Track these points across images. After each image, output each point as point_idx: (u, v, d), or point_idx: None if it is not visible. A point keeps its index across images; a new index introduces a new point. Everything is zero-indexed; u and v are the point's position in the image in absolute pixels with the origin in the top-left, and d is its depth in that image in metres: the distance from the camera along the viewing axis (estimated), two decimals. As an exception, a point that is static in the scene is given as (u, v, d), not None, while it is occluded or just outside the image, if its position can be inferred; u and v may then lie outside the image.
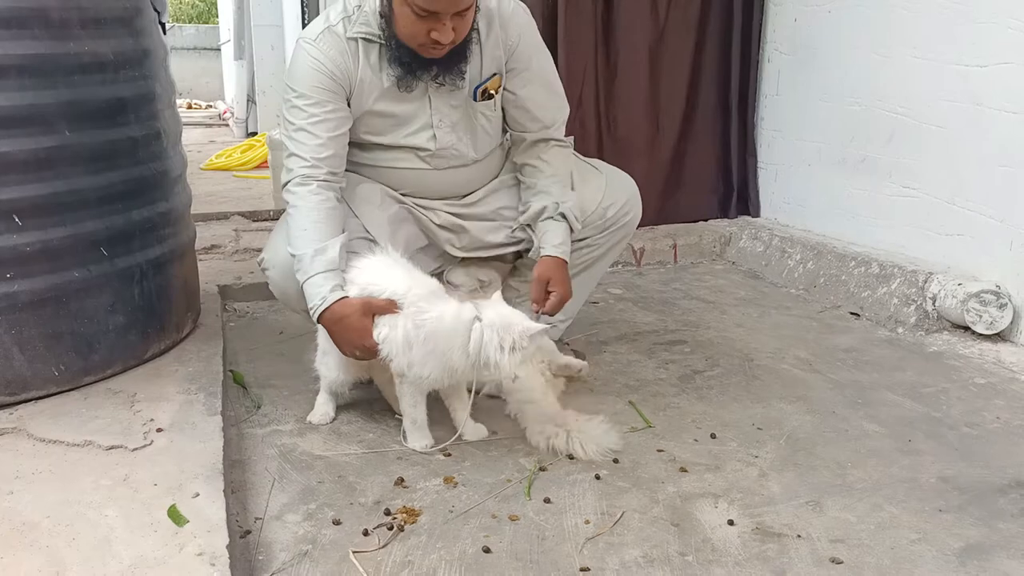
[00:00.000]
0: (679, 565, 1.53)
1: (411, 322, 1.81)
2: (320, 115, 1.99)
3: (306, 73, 2.00)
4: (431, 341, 1.80)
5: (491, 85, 2.14)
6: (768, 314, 2.98)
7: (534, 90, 2.18)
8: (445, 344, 1.80)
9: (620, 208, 2.30)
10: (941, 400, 2.24)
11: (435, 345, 1.80)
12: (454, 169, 2.20)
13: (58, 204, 1.89)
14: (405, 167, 2.18)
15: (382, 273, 1.89)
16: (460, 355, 1.80)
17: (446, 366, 1.82)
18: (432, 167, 2.18)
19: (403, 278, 1.87)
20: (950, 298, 2.66)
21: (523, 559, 1.53)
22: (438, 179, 2.21)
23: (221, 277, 2.99)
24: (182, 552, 1.38)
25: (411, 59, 1.98)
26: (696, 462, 1.90)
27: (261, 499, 1.71)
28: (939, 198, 2.90)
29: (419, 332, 1.81)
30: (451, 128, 2.13)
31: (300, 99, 2.00)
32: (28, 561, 1.36)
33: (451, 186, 2.24)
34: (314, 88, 1.99)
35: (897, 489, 1.79)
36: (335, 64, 1.99)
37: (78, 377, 1.99)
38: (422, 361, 1.82)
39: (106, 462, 1.68)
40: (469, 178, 2.25)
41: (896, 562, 1.54)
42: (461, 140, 2.16)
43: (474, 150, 2.20)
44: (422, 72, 2.01)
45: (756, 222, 3.75)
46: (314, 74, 1.99)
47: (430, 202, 2.24)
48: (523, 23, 2.13)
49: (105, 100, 1.97)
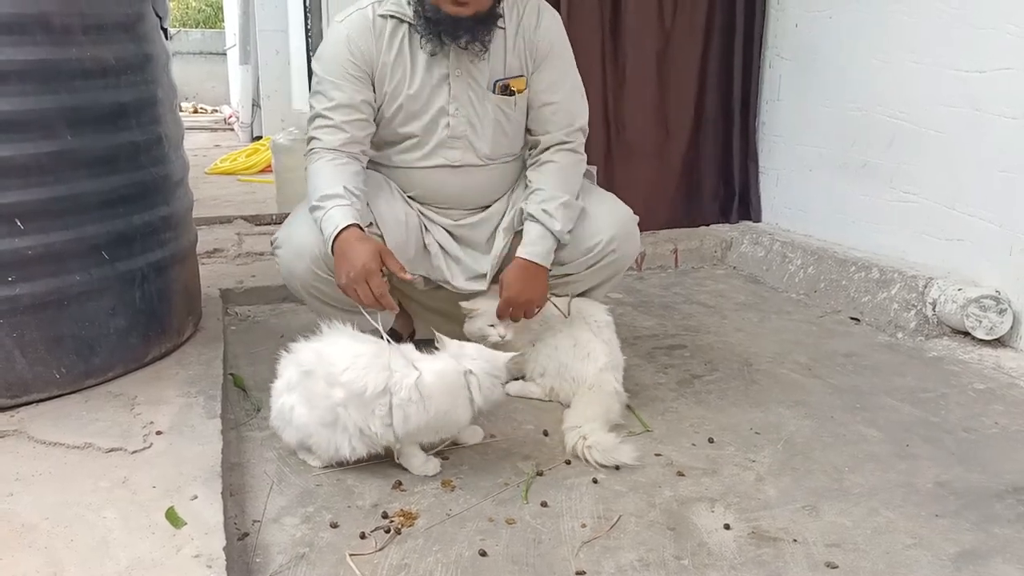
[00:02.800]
0: (675, 569, 1.53)
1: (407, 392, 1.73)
2: (342, 84, 2.07)
3: (334, 47, 2.09)
4: (433, 405, 1.75)
5: (514, 84, 2.16)
6: (768, 319, 2.98)
7: (558, 92, 2.20)
8: (451, 403, 1.78)
9: (605, 244, 2.20)
10: (940, 405, 2.24)
11: (438, 407, 1.76)
12: (466, 169, 2.20)
13: (60, 208, 1.90)
14: (419, 165, 2.19)
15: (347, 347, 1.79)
16: (464, 410, 1.80)
17: (452, 423, 1.81)
18: (446, 161, 2.18)
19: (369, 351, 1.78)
20: (950, 303, 2.66)
21: (519, 562, 1.54)
22: (450, 180, 2.20)
23: (223, 281, 3.00)
24: (179, 554, 1.39)
25: (439, 18, 2.01)
26: (693, 466, 1.90)
27: (259, 502, 1.72)
28: (939, 203, 2.90)
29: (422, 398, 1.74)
30: (466, 118, 2.15)
31: (325, 70, 2.10)
32: (26, 562, 1.37)
33: (462, 189, 2.23)
34: (339, 60, 2.08)
35: (894, 494, 1.80)
36: (358, 45, 2.07)
37: (79, 380, 2.00)
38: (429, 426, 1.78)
39: (105, 464, 1.69)
40: (480, 182, 2.23)
41: (891, 567, 1.54)
42: (475, 132, 2.17)
43: (488, 145, 2.19)
44: (453, 34, 2.03)
45: (757, 227, 3.76)
46: (341, 48, 2.08)
47: (435, 214, 2.25)
48: (553, 28, 2.18)
49: (107, 105, 1.98)
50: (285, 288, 2.97)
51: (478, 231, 2.28)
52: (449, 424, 1.81)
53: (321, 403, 1.74)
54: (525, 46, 2.15)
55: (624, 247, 2.25)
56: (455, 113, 2.14)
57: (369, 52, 2.08)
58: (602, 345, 2.16)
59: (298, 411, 1.78)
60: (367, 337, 1.83)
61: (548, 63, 2.18)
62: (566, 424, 2.00)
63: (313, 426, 1.77)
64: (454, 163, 2.19)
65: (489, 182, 2.25)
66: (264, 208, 4.24)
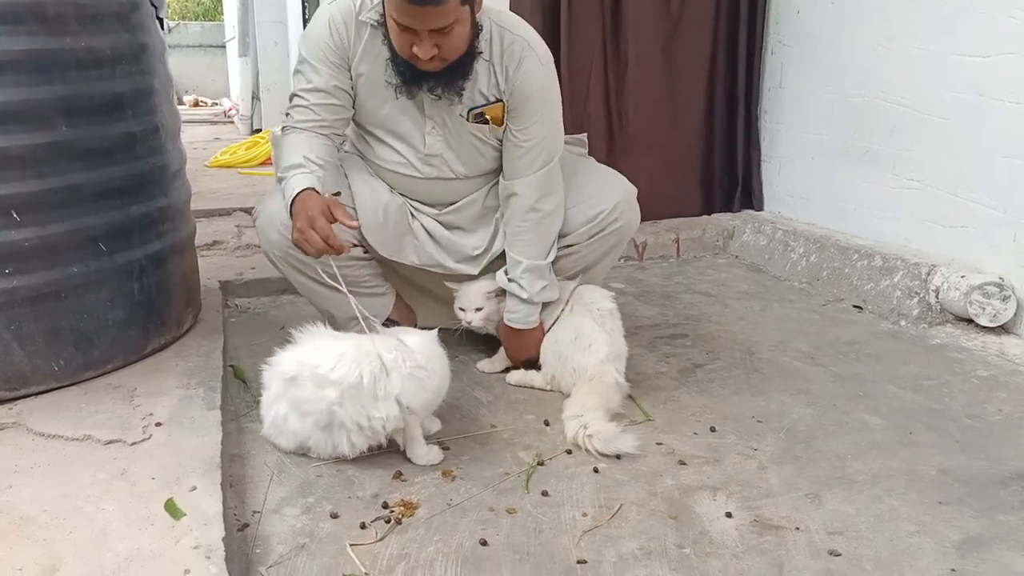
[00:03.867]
0: (676, 557, 1.52)
1: (411, 366, 1.75)
2: (319, 68, 2.07)
3: (314, 34, 2.09)
4: (435, 367, 1.79)
5: (489, 111, 2.11)
6: (770, 307, 2.97)
7: (530, 138, 2.13)
8: (443, 365, 1.82)
9: (608, 213, 2.23)
10: (943, 392, 2.23)
11: (439, 370, 1.80)
12: (442, 181, 2.22)
13: (56, 200, 1.89)
14: (396, 170, 2.21)
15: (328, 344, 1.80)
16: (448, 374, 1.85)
17: (444, 388, 1.85)
18: (421, 175, 2.20)
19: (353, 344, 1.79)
20: (953, 290, 2.64)
21: (520, 551, 1.53)
22: (425, 187, 2.24)
23: (223, 273, 2.99)
24: (178, 545, 1.39)
25: (407, 69, 2.00)
26: (695, 455, 1.89)
27: (259, 493, 1.71)
28: (942, 190, 2.88)
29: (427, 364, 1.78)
30: (442, 138, 2.15)
31: (304, 62, 2.09)
32: (25, 554, 1.36)
33: (438, 196, 2.26)
34: (317, 51, 2.07)
35: (897, 481, 1.79)
36: (340, 33, 2.06)
37: (78, 372, 2.00)
38: (437, 392, 1.82)
39: (104, 456, 1.68)
40: (459, 189, 2.26)
41: (895, 554, 1.53)
42: (450, 152, 2.18)
43: (463, 166, 2.20)
44: (419, 82, 2.02)
45: (759, 215, 3.74)
46: (320, 37, 2.07)
47: (419, 204, 2.27)
48: (535, 76, 2.08)
49: (102, 96, 1.97)
50: (285, 280, 2.95)
51: (463, 214, 2.29)
52: (443, 389, 1.84)
53: (313, 407, 1.74)
54: (503, 81, 2.08)
55: (627, 215, 2.27)
56: (431, 131, 2.15)
57: (347, 47, 2.07)
58: (604, 336, 2.14)
59: (291, 419, 1.79)
60: (341, 334, 1.85)
61: (524, 109, 2.10)
62: (566, 413, 1.99)
63: (308, 430, 1.78)
64: (430, 176, 2.21)
65: (469, 187, 2.27)
66: (264, 200, 4.22)
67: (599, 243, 2.27)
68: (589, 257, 2.30)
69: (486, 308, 2.24)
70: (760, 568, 1.49)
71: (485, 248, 2.29)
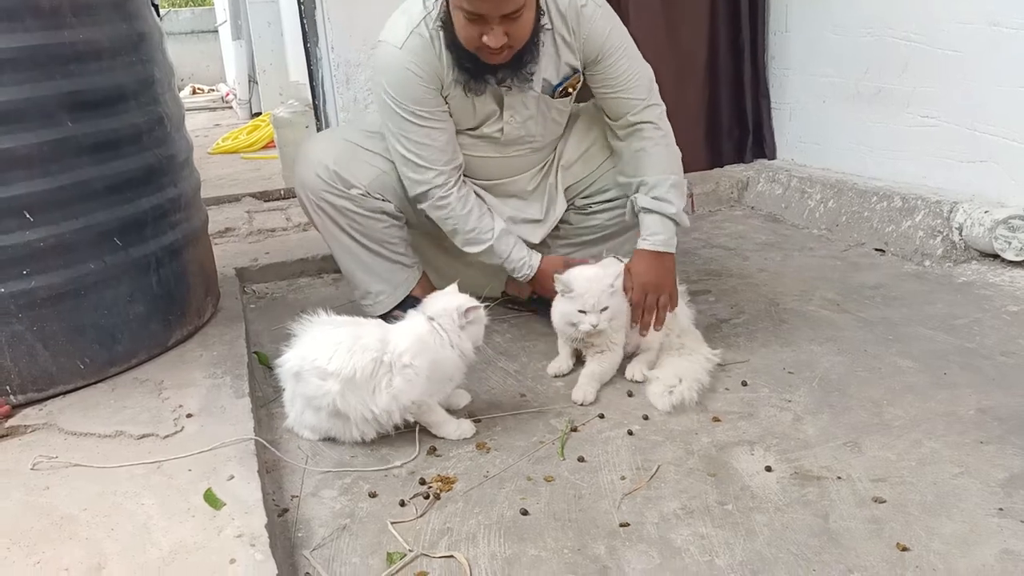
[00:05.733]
0: (719, 515, 1.51)
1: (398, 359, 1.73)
2: (431, 124, 2.05)
3: (405, 84, 2.01)
4: (421, 361, 1.74)
5: (570, 84, 2.14)
6: (791, 257, 2.93)
7: (621, 82, 2.13)
8: (433, 353, 1.76)
9: None
10: (974, 331, 2.20)
11: (425, 362, 1.74)
12: (511, 159, 2.23)
13: (67, 197, 1.87)
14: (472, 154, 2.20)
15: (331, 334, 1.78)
16: (448, 354, 1.77)
17: (447, 371, 1.79)
18: (495, 154, 2.21)
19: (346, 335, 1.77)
20: (977, 226, 2.60)
21: (561, 519, 1.52)
22: (502, 165, 2.24)
23: (237, 259, 2.98)
24: (221, 535, 1.38)
25: (473, 64, 1.97)
26: (729, 411, 1.88)
27: (296, 477, 1.70)
28: (960, 125, 2.83)
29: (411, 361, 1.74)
30: (522, 123, 2.16)
31: (406, 111, 2.04)
32: (69, 554, 1.36)
33: (513, 169, 2.26)
34: (417, 99, 2.02)
35: (936, 424, 1.76)
36: (428, 69, 2.00)
37: (104, 369, 1.99)
38: (432, 381, 1.77)
39: (139, 451, 1.68)
40: (523, 164, 2.27)
41: (940, 497, 1.52)
42: (530, 132, 2.18)
43: (543, 138, 2.23)
44: (487, 76, 2.00)
45: (773, 164, 3.68)
46: (413, 85, 2.01)
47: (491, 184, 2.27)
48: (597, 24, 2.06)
49: (104, 88, 1.94)
50: (301, 263, 2.98)
51: (518, 183, 2.29)
52: (445, 373, 1.78)
53: (322, 401, 1.74)
54: (573, 40, 2.06)
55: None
56: (509, 120, 2.14)
57: (437, 70, 2.01)
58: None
59: (307, 415, 1.80)
60: (343, 320, 1.82)
61: (604, 53, 2.09)
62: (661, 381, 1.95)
63: (324, 422, 1.78)
64: (504, 155, 2.22)
65: (536, 160, 2.28)
66: (271, 184, 4.20)
67: None
68: (628, 214, 2.28)
69: (611, 306, 1.94)
70: (805, 520, 1.48)
71: (544, 216, 2.30)
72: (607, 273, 1.97)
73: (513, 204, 2.29)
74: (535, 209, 2.31)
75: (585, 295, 1.92)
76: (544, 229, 2.31)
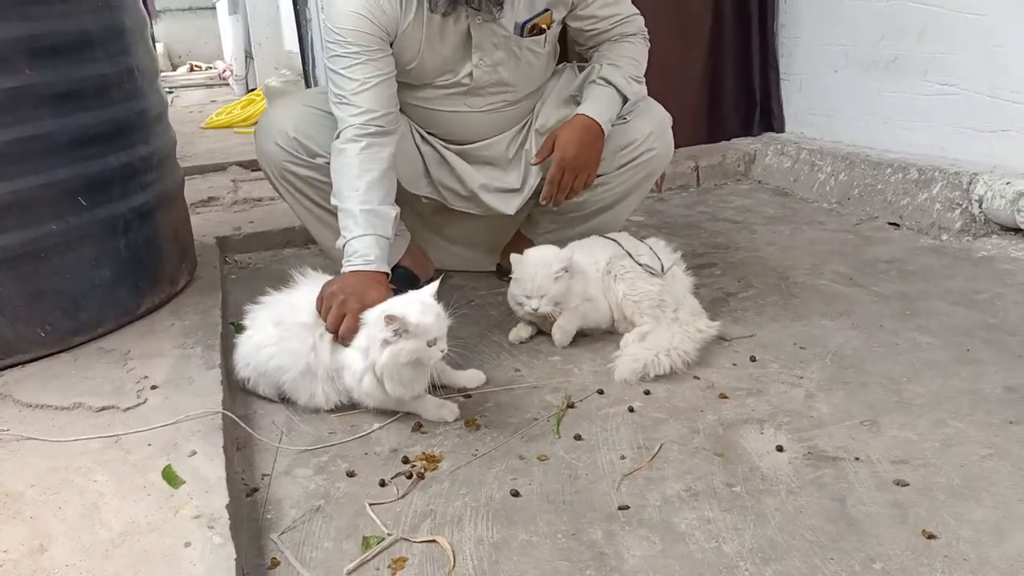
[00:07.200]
0: (727, 497, 1.38)
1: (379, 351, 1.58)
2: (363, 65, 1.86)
3: (345, 17, 1.86)
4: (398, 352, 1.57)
5: (542, 20, 1.99)
6: (800, 231, 2.79)
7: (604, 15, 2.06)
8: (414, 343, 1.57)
9: (641, 143, 2.12)
10: (997, 306, 2.07)
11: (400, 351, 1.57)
12: (488, 113, 2.08)
13: (25, 151, 1.73)
14: (436, 107, 2.07)
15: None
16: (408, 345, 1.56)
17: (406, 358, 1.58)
18: (468, 108, 2.06)
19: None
20: (998, 198, 2.47)
21: (555, 501, 1.40)
22: (472, 121, 2.09)
23: (220, 228, 2.84)
24: (177, 515, 1.25)
25: None
26: (737, 387, 1.75)
27: (269, 455, 1.58)
28: (980, 92, 2.68)
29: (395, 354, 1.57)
30: (492, 67, 2.00)
31: (340, 46, 1.86)
32: (10, 534, 1.23)
33: (484, 129, 2.12)
34: (354, 33, 1.86)
35: (960, 402, 1.63)
36: (377, 8, 1.85)
37: (66, 338, 1.86)
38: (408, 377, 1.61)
39: (96, 424, 1.55)
40: (501, 120, 2.12)
41: (968, 480, 1.39)
42: (502, 78, 2.03)
43: (519, 87, 2.07)
44: None
45: (781, 137, 3.54)
46: (354, 18, 1.85)
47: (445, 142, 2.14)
48: None
49: (68, 33, 1.79)
50: (287, 232, 2.85)
51: (494, 149, 2.14)
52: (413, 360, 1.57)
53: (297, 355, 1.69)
54: None
55: (661, 146, 2.16)
56: (479, 64, 1.98)
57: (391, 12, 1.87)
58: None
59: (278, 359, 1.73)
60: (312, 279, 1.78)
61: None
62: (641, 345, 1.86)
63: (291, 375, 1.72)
64: (477, 109, 2.07)
65: (512, 117, 2.13)
66: (260, 154, 4.05)
67: (630, 174, 2.15)
68: (618, 190, 2.17)
69: (553, 292, 1.90)
70: (820, 503, 1.35)
71: (520, 185, 2.15)
72: (555, 259, 1.91)
73: (488, 172, 2.16)
74: (513, 178, 2.16)
75: (524, 280, 1.90)
76: (520, 199, 2.16)
